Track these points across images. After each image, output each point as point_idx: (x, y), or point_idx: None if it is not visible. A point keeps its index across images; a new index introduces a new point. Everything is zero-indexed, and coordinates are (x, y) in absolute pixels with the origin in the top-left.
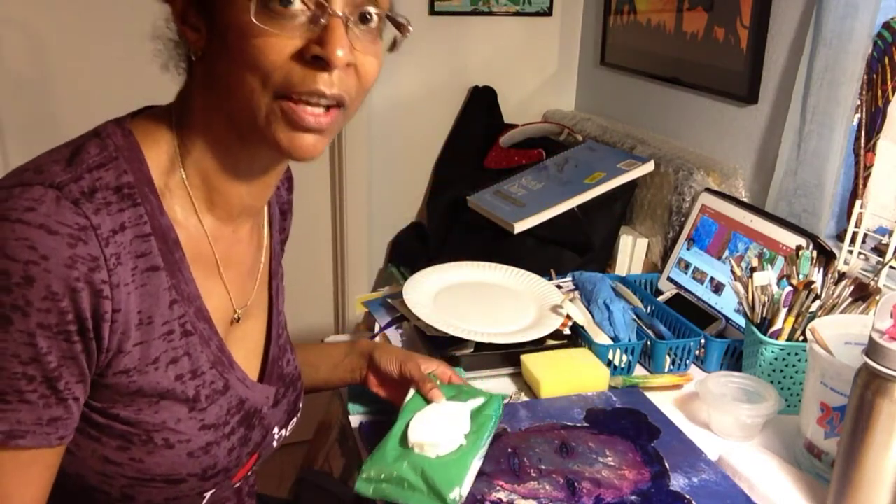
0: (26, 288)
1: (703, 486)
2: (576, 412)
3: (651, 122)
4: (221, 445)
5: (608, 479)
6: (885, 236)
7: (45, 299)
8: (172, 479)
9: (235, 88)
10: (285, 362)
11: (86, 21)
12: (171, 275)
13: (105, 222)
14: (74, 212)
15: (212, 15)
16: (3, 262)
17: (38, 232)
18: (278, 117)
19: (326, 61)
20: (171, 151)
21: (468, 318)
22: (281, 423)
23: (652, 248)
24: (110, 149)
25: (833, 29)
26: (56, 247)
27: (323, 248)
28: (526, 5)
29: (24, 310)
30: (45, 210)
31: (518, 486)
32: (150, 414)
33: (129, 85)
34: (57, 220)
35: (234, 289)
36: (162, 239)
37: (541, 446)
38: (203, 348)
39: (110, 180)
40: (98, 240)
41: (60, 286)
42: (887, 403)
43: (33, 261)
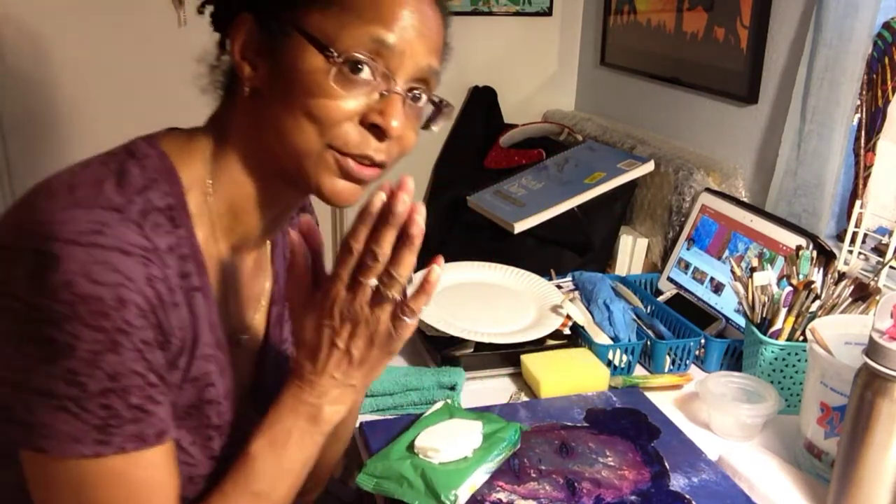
0: (122, 310)
1: (703, 486)
2: (576, 412)
3: (651, 122)
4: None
5: (608, 479)
6: (885, 236)
7: (139, 317)
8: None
9: (289, 132)
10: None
11: (87, 21)
12: (205, 298)
13: (160, 243)
14: (138, 233)
15: (277, 60)
16: (92, 287)
17: (114, 254)
18: (328, 166)
19: (384, 131)
20: (202, 176)
21: (468, 318)
22: None
23: (652, 248)
24: (150, 171)
25: (833, 29)
26: (135, 267)
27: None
28: (526, 5)
29: (125, 331)
30: (113, 233)
31: (518, 487)
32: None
33: (129, 85)
34: (128, 242)
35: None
36: (196, 262)
37: (541, 446)
38: (219, 378)
39: (157, 203)
40: (160, 260)
41: (146, 304)
42: (887, 403)
43: (120, 283)
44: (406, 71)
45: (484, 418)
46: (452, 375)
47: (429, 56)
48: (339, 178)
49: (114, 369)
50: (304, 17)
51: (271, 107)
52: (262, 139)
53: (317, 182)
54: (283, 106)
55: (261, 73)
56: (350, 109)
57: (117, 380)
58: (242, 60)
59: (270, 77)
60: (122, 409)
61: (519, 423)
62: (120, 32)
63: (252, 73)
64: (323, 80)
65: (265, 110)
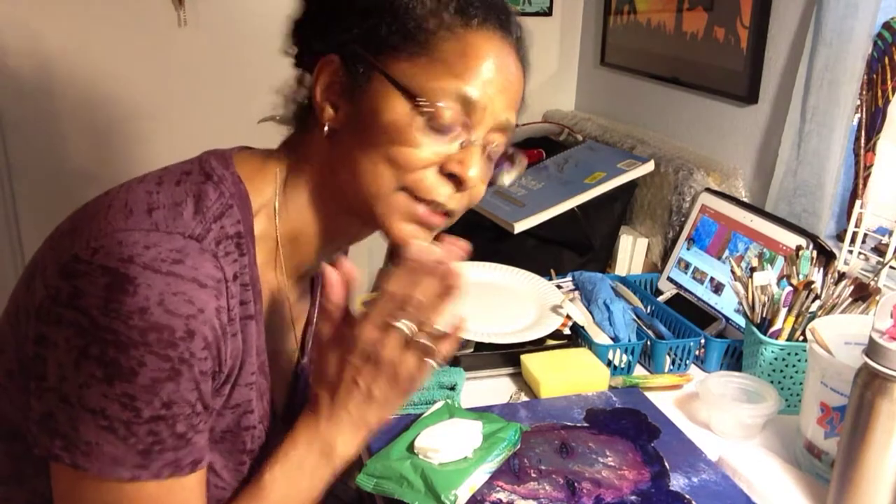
0: (189, 342)
1: (703, 486)
2: (576, 412)
3: (651, 122)
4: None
5: (608, 479)
6: (885, 236)
7: (203, 349)
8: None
9: (365, 174)
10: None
11: (87, 21)
12: (257, 325)
13: (229, 273)
14: (214, 265)
15: (359, 103)
16: (165, 317)
17: (191, 286)
18: (398, 207)
19: (461, 180)
20: (270, 203)
21: (468, 318)
22: None
23: (652, 248)
24: (226, 196)
25: (833, 29)
26: (207, 300)
27: None
28: (526, 5)
29: (189, 362)
30: (191, 263)
31: (518, 487)
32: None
33: (130, 85)
34: (205, 274)
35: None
36: (254, 289)
37: (541, 446)
38: (258, 403)
39: (230, 230)
40: (228, 293)
41: (212, 336)
42: (887, 403)
43: (192, 315)
44: (486, 124)
45: (484, 418)
46: (452, 375)
47: (508, 110)
48: (408, 222)
49: (170, 398)
50: (391, 64)
51: (350, 148)
52: (336, 176)
53: (387, 224)
54: (362, 148)
55: (341, 114)
56: (430, 158)
57: (170, 408)
58: (325, 101)
59: (350, 118)
60: (167, 436)
61: (519, 424)
62: (120, 32)
63: (333, 114)
64: (407, 129)
65: (343, 150)
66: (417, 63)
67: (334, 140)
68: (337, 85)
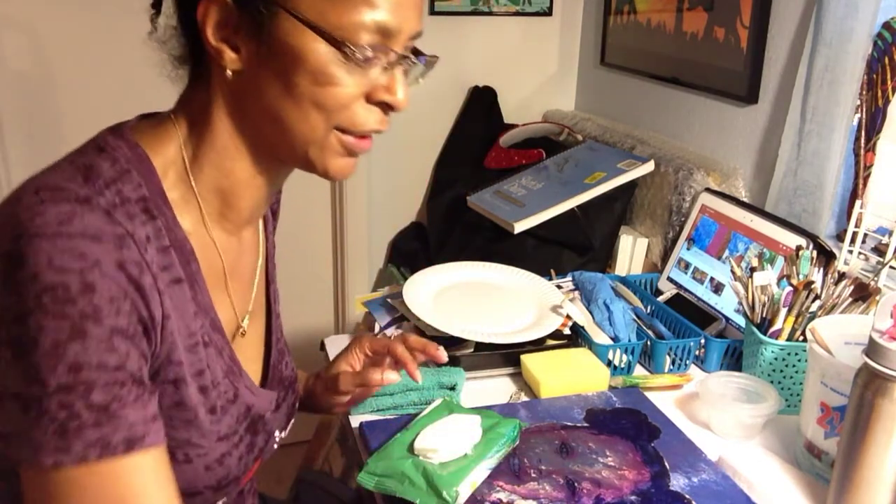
0: (90, 294)
1: (703, 486)
2: (576, 412)
3: (651, 122)
4: (233, 455)
5: (608, 479)
6: (885, 236)
7: (111, 302)
8: (189, 492)
9: (293, 121)
10: (283, 366)
11: (88, 21)
12: (191, 286)
13: (137, 231)
14: (108, 221)
15: (267, 43)
16: (56, 276)
17: (81, 241)
18: (333, 148)
19: (392, 105)
20: (179, 163)
21: (468, 318)
22: (281, 427)
23: (652, 248)
24: (121, 162)
25: (833, 29)
26: (104, 251)
27: (323, 248)
28: (526, 5)
29: (94, 316)
30: (79, 221)
31: (518, 487)
32: (178, 430)
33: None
34: (96, 228)
35: (238, 299)
36: (179, 251)
37: (541, 446)
38: (217, 359)
39: (130, 194)
40: (137, 246)
41: (117, 289)
42: (887, 403)
43: (87, 267)
44: (402, 42)
45: (483, 413)
46: (452, 375)
47: (419, 21)
48: (343, 157)
49: (76, 360)
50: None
51: (264, 93)
52: (253, 125)
53: (322, 165)
54: (282, 95)
55: (244, 55)
56: (356, 92)
57: (79, 372)
58: (220, 43)
59: (258, 60)
60: (82, 408)
61: (518, 420)
62: (120, 32)
63: (234, 56)
64: (329, 69)
65: (255, 96)
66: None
67: (241, 85)
68: (231, 23)
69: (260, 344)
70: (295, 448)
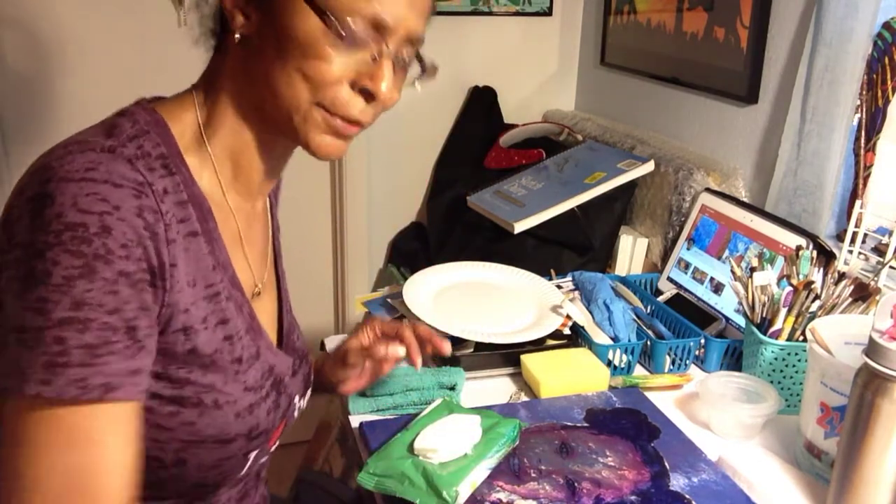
0: (105, 237)
1: (703, 486)
2: (576, 412)
3: (651, 122)
4: (262, 407)
5: (608, 479)
6: (885, 236)
7: (123, 247)
8: (223, 439)
9: (280, 87)
10: (296, 337)
11: (88, 21)
12: (208, 241)
13: (156, 183)
14: (132, 168)
15: (270, 12)
16: (79, 215)
17: (105, 186)
18: (316, 122)
19: (373, 95)
20: (195, 128)
21: (468, 318)
22: (300, 393)
23: (652, 248)
24: (141, 123)
25: (833, 29)
26: (124, 197)
27: (323, 248)
28: (526, 5)
29: (105, 258)
30: (105, 168)
31: (518, 487)
32: (200, 375)
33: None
34: (119, 175)
35: (254, 263)
36: (197, 207)
37: (541, 446)
38: (238, 314)
39: (150, 150)
40: (154, 196)
41: (133, 234)
42: (887, 403)
43: (107, 211)
44: (398, 38)
45: (482, 413)
46: (452, 375)
47: (418, 22)
48: (326, 134)
49: (82, 297)
50: None
51: (263, 58)
52: (253, 88)
53: (305, 136)
54: (275, 60)
55: (252, 21)
56: (342, 73)
57: (80, 309)
58: (234, 8)
59: (262, 28)
60: (73, 346)
61: (518, 420)
62: (120, 32)
63: (244, 21)
64: (318, 43)
65: (256, 60)
66: None
67: (248, 50)
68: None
69: (274, 313)
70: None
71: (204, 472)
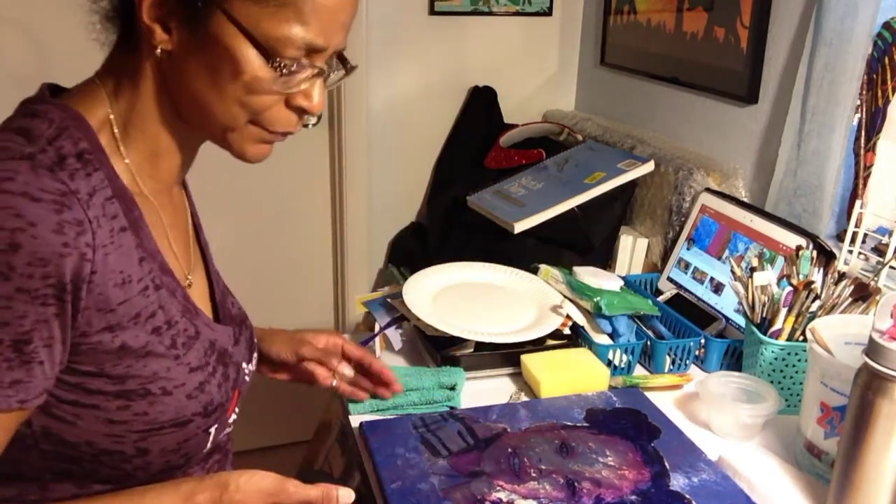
0: (11, 254)
1: (703, 486)
2: (576, 412)
3: (651, 122)
4: (212, 382)
5: (608, 478)
6: (885, 236)
7: (29, 265)
8: (180, 422)
9: (214, 109)
10: (230, 304)
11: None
12: (136, 233)
13: (81, 187)
14: (52, 178)
15: (204, 38)
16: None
17: (21, 200)
18: (252, 136)
19: (308, 111)
20: (108, 123)
21: (468, 318)
22: (246, 359)
23: (652, 248)
24: (57, 121)
25: (833, 29)
26: (42, 213)
27: (323, 248)
28: (526, 5)
29: (5, 274)
30: (23, 179)
31: (518, 486)
32: (139, 368)
33: None
34: (38, 188)
35: (180, 249)
36: (122, 200)
37: (541, 446)
38: (171, 300)
39: (70, 148)
40: (80, 204)
41: (45, 251)
42: (887, 403)
43: (20, 228)
44: (327, 54)
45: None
46: (452, 375)
47: (344, 38)
48: (259, 143)
49: None
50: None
51: (192, 78)
52: (179, 99)
53: (239, 148)
54: (209, 85)
55: (176, 38)
56: (278, 97)
57: None
58: (153, 22)
59: (190, 48)
60: None
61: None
62: None
63: (165, 36)
64: (258, 78)
65: (184, 77)
66: (266, 6)
67: (172, 64)
68: (168, 6)
69: (205, 290)
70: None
71: (167, 456)
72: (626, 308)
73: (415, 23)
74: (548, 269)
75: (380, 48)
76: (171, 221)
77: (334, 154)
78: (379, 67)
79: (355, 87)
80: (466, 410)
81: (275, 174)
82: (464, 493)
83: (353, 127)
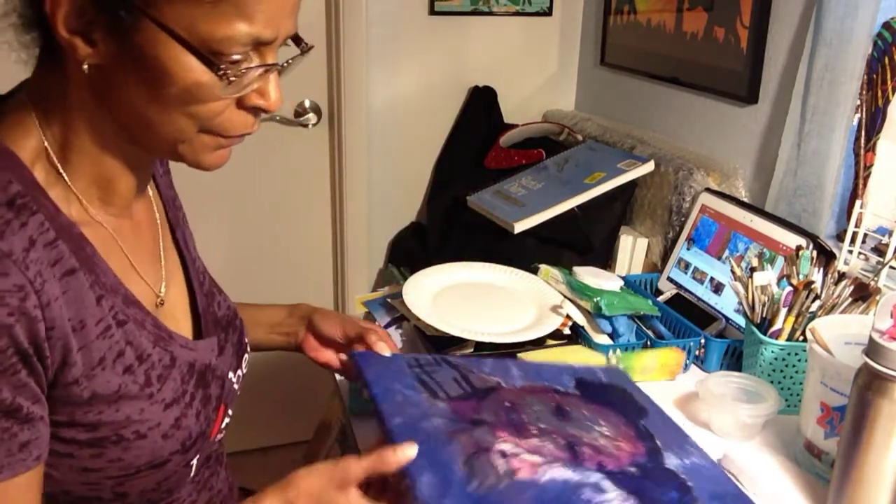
0: None
1: (694, 468)
2: (565, 378)
3: (651, 122)
4: (188, 415)
5: (606, 447)
6: (885, 236)
7: None
8: (157, 463)
9: (158, 123)
10: (216, 307)
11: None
12: (89, 272)
13: (14, 244)
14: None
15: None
16: None
17: None
18: (205, 145)
19: (265, 109)
20: (44, 154)
21: (468, 318)
22: (233, 367)
23: (652, 248)
24: None
25: (833, 29)
26: None
27: (323, 248)
28: (526, 5)
29: None
30: None
31: (521, 441)
32: (111, 413)
33: None
34: None
35: (148, 272)
36: (68, 239)
37: (537, 405)
38: (140, 331)
39: (1, 198)
40: (16, 266)
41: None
42: (887, 403)
43: None
44: (277, 45)
45: None
46: None
47: (294, 24)
48: (215, 151)
49: None
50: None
51: (127, 91)
52: (117, 115)
53: (194, 159)
54: (148, 99)
55: (103, 51)
56: (229, 101)
57: None
58: (73, 36)
59: (120, 61)
60: None
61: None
62: None
63: (90, 50)
64: (202, 88)
65: (118, 91)
66: (200, 6)
67: (100, 79)
68: (87, 16)
69: (185, 299)
70: (295, 448)
71: (148, 495)
72: (626, 308)
73: (415, 23)
74: (548, 269)
75: (380, 47)
76: (133, 242)
77: (334, 154)
78: (379, 67)
79: (355, 86)
80: (459, 359)
81: (274, 174)
82: (469, 439)
83: (353, 127)
